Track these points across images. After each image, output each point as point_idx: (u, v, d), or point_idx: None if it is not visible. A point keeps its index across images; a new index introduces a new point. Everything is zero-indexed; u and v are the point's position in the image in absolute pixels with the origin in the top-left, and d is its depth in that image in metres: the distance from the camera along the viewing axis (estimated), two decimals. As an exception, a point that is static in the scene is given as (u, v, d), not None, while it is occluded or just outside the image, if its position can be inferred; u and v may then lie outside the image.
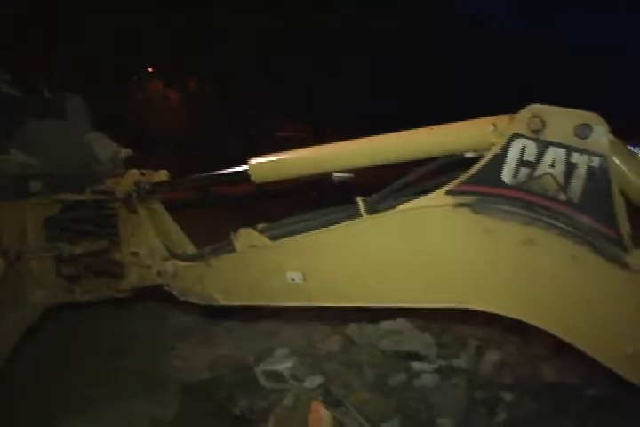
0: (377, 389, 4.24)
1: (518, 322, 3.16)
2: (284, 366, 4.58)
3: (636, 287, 2.57)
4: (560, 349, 4.63)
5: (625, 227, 2.60)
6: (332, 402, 3.99)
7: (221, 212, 12.71)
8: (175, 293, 4.01)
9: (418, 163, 3.06)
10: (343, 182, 3.25)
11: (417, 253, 2.93)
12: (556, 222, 2.62)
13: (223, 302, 3.68)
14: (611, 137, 2.54)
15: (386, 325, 4.85)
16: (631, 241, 2.61)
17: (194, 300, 3.87)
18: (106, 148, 4.99)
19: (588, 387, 4.52)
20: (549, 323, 2.75)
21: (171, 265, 4.03)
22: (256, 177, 3.49)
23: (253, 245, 3.45)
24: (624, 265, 2.58)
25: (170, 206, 4.54)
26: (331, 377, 4.23)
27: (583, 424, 4.40)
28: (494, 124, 2.73)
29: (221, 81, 33.36)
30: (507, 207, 2.69)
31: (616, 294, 2.62)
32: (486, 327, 5.16)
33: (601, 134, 2.52)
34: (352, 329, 4.91)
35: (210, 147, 28.05)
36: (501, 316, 3.74)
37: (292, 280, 3.31)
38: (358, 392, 4.08)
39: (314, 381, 4.23)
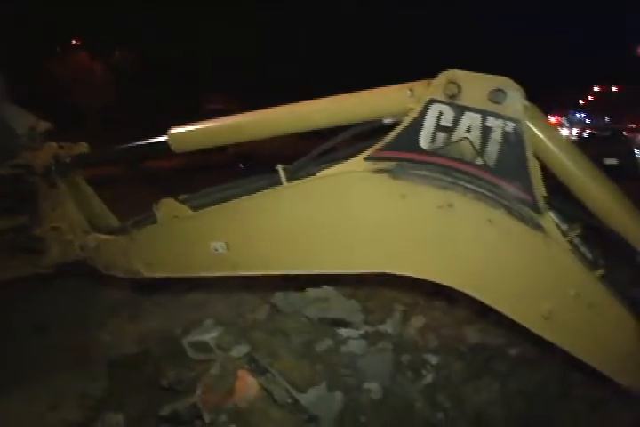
0: (303, 356, 4.27)
1: (443, 287, 3.22)
2: (210, 336, 4.57)
3: (550, 248, 2.63)
4: (484, 312, 4.72)
5: (539, 190, 2.68)
6: (258, 370, 4.02)
7: (151, 186, 12.54)
8: (99, 267, 3.94)
9: (337, 130, 3.05)
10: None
11: (337, 220, 2.95)
12: (472, 186, 2.69)
13: (147, 274, 3.64)
14: (525, 102, 2.60)
15: (311, 292, 4.87)
16: (545, 204, 2.66)
17: (118, 273, 3.82)
18: (23, 120, 4.81)
19: (511, 347, 4.65)
20: (468, 285, 2.83)
21: (93, 239, 3.96)
22: (176, 147, 3.45)
23: (175, 216, 3.40)
24: (538, 227, 2.64)
25: (98, 181, 4.44)
26: (257, 346, 4.25)
27: (506, 383, 4.53)
28: (411, 90, 2.76)
29: (149, 53, 32.73)
30: (424, 172, 2.73)
31: (531, 256, 2.70)
32: (412, 293, 5.24)
33: (515, 99, 2.57)
34: (278, 297, 4.92)
35: (138, 119, 27.57)
36: (426, 281, 3.80)
37: (216, 250, 3.28)
38: (284, 359, 4.10)
39: (240, 350, 4.23)
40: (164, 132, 3.49)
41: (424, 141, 2.70)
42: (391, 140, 2.77)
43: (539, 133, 2.64)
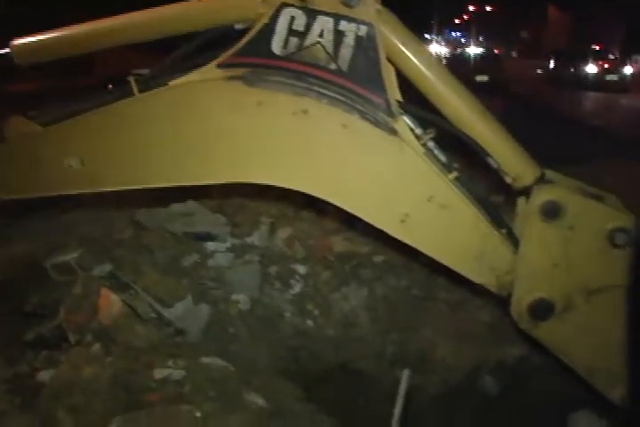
0: (168, 271, 4.32)
1: (311, 198, 3.29)
2: (72, 256, 4.50)
3: (404, 152, 2.73)
4: (350, 222, 4.87)
5: (393, 94, 2.74)
6: (120, 286, 4.02)
7: (11, 111, 11.82)
8: None
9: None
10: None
11: (192, 130, 2.93)
12: (326, 92, 2.72)
13: (2, 196, 3.51)
14: (378, 6, 2.62)
15: (176, 207, 4.86)
16: (399, 108, 2.73)
17: None
18: None
19: (377, 255, 4.84)
20: (324, 191, 2.90)
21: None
22: (20, 58, 3.26)
23: (24, 133, 3.26)
24: (392, 131, 2.72)
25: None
26: (120, 263, 4.24)
27: (373, 289, 4.75)
28: None
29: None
30: (278, 78, 2.74)
31: (385, 160, 2.78)
32: (279, 205, 5.32)
33: (368, 3, 2.61)
34: (141, 214, 4.88)
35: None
36: (293, 192, 3.86)
37: (70, 166, 3.18)
38: (148, 275, 4.14)
39: (103, 268, 4.21)
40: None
41: (276, 47, 2.70)
42: (243, 46, 2.75)
43: (392, 38, 2.69)
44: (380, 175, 2.83)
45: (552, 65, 34.09)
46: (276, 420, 2.86)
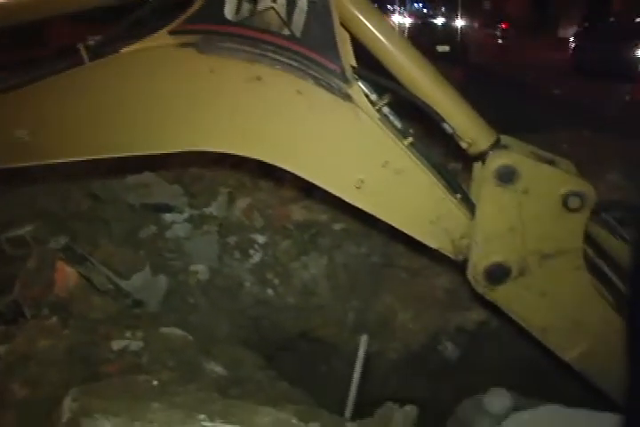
0: (126, 243, 4.30)
1: (268, 167, 3.27)
2: (26, 229, 4.44)
3: (359, 118, 2.75)
4: (309, 190, 4.87)
5: (347, 60, 2.73)
6: (76, 259, 3.99)
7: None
8: None
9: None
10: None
11: (144, 99, 2.89)
12: (280, 58, 2.70)
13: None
14: (331, -30, 2.57)
15: (132, 179, 4.81)
16: (354, 74, 2.72)
17: None
18: None
19: (336, 223, 4.85)
20: (280, 158, 2.89)
21: None
22: None
23: None
24: (347, 97, 2.71)
25: None
26: (76, 236, 4.20)
27: (332, 257, 4.77)
28: None
29: None
30: (231, 45, 2.70)
31: (340, 126, 2.78)
32: (237, 175, 5.28)
33: (320, -33, 2.55)
34: (97, 186, 4.82)
35: None
36: (252, 162, 3.84)
37: (20, 138, 3.12)
38: (105, 247, 4.10)
39: (58, 241, 4.16)
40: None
41: (229, 12, 2.67)
42: (195, 11, 2.70)
43: (346, 3, 2.67)
44: (335, 141, 2.83)
45: (575, 45, 24.29)
46: (235, 388, 2.88)
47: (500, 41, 37.10)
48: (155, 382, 2.36)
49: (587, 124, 6.57)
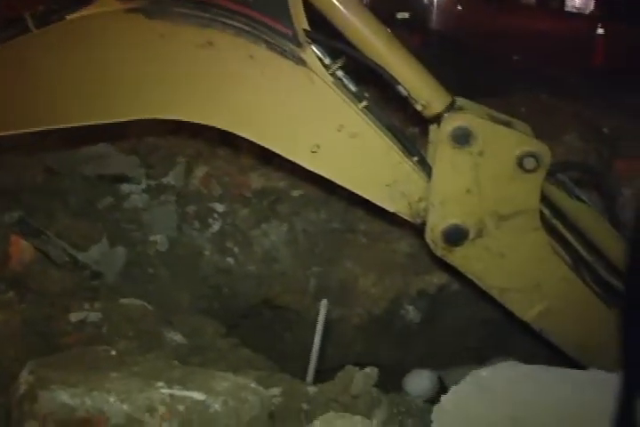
0: (83, 215, 4.24)
1: (226, 135, 3.23)
2: (-22, 205, 4.36)
3: (312, 82, 2.71)
4: (267, 158, 4.83)
5: (300, 23, 2.69)
6: (31, 233, 3.92)
7: None
8: None
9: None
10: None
11: (93, 67, 2.84)
12: (231, 22, 2.67)
13: None
14: None
15: (87, 150, 4.72)
16: (307, 37, 2.69)
17: None
18: None
19: (295, 189, 4.83)
20: (235, 124, 2.88)
21: None
22: None
23: None
24: (300, 61, 2.68)
25: None
26: (31, 209, 4.12)
27: (293, 224, 4.76)
28: None
29: None
30: (182, 10, 2.67)
31: (294, 90, 2.76)
32: (194, 144, 5.22)
33: None
34: (51, 158, 4.73)
35: None
36: (209, 131, 3.79)
37: (-33, 110, 3.05)
38: (61, 220, 4.04)
39: (12, 215, 4.08)
40: None
41: (177, -24, 2.62)
42: None
43: None
44: (289, 106, 2.81)
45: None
46: (196, 356, 2.88)
47: (459, 8, 36.86)
48: (113, 353, 2.34)
49: (545, 90, 6.59)
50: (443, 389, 4.41)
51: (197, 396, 1.85)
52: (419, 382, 4.73)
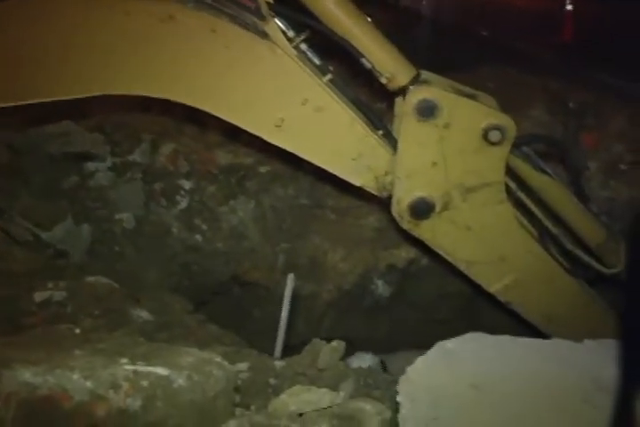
0: (47, 194, 4.18)
1: (192, 112, 3.20)
2: (-60, 185, 4.28)
3: (276, 55, 2.69)
4: (234, 134, 4.79)
5: (263, -3, 2.66)
6: (-6, 213, 3.88)
7: None
8: None
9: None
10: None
11: (55, 43, 2.81)
12: (193, -4, 2.61)
13: None
14: None
15: (51, 128, 4.65)
16: (270, 10, 2.67)
17: None
18: None
19: (262, 165, 4.80)
20: (200, 99, 2.86)
21: None
22: None
23: None
24: (263, 34, 2.66)
25: None
26: (-5, 190, 4.06)
27: (260, 201, 4.74)
28: None
29: None
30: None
31: (257, 64, 2.75)
32: (161, 121, 5.17)
33: None
34: (14, 136, 4.64)
35: None
36: (175, 107, 3.74)
37: None
38: (24, 199, 3.98)
39: (-25, 198, 4.03)
40: None
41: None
42: None
43: None
44: (253, 80, 2.79)
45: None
46: (162, 332, 2.86)
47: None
48: (77, 331, 2.33)
49: (513, 65, 6.59)
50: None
51: (161, 371, 1.83)
52: (361, 365, 4.74)
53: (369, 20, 2.96)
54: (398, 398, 2.00)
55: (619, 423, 1.82)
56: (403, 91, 2.97)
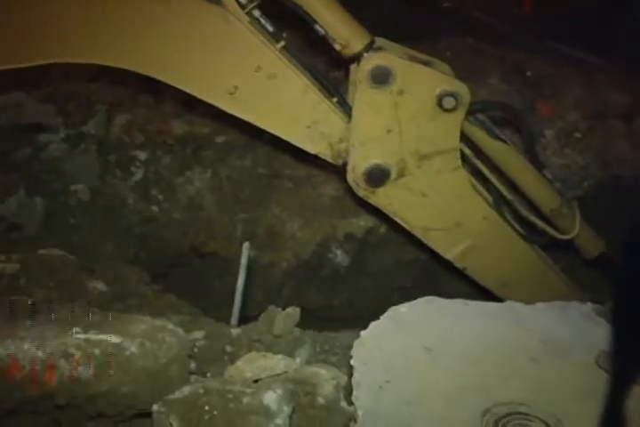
0: (-3, 167, 4.11)
1: (147, 82, 3.15)
2: None
3: (228, 22, 2.68)
4: (191, 105, 4.75)
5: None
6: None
7: None
8: None
9: None
10: None
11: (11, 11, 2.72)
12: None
13: None
14: None
15: (1, 99, 4.55)
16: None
17: None
18: None
19: (218, 135, 4.77)
20: (152, 67, 2.83)
21: None
22: None
23: None
24: (214, 0, 2.63)
25: None
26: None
27: (217, 171, 4.72)
28: None
29: None
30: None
31: (209, 31, 2.72)
32: (115, 91, 5.09)
33: None
34: (-38, 108, 4.55)
35: None
36: (129, 78, 3.68)
37: None
38: (-26, 172, 3.92)
39: None
40: None
41: None
42: None
43: None
44: (204, 47, 2.76)
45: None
46: (118, 302, 2.85)
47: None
48: (30, 302, 2.30)
49: (472, 35, 6.60)
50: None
51: (113, 339, 1.84)
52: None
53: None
54: (352, 362, 2.03)
55: (610, 420, 1.83)
56: (357, 58, 2.96)
